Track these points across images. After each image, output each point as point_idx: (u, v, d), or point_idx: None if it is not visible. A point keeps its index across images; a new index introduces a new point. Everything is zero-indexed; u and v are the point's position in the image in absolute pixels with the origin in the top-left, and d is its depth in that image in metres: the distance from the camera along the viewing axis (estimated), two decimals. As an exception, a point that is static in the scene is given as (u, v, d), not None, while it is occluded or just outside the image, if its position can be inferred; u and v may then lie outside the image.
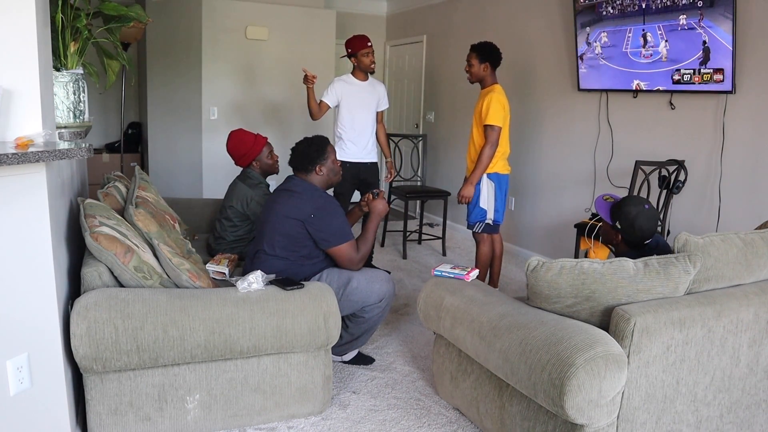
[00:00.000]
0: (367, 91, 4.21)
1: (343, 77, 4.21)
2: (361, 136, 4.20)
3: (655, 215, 2.42)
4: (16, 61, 1.77)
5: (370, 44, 4.13)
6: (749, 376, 2.17)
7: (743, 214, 3.43)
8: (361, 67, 4.15)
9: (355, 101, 4.16)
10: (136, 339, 2.06)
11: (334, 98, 4.14)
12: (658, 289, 1.98)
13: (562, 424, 1.91)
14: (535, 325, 1.99)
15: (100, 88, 3.10)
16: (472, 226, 3.81)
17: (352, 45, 4.13)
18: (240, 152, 3.34)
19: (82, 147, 1.75)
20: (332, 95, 4.14)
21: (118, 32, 2.68)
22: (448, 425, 2.46)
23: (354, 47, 4.12)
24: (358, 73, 4.19)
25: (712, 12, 3.31)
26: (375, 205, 2.88)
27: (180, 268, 2.32)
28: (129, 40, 4.12)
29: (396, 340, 3.30)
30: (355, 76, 4.20)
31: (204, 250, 3.32)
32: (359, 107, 4.17)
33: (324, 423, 2.45)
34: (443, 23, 6.17)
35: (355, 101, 4.16)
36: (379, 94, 4.29)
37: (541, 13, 4.78)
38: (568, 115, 4.61)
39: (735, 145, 3.47)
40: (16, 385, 1.83)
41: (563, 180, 4.71)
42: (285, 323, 2.27)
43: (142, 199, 2.72)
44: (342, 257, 2.68)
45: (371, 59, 4.13)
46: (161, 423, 2.21)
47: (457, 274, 2.53)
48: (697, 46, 3.43)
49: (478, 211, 3.75)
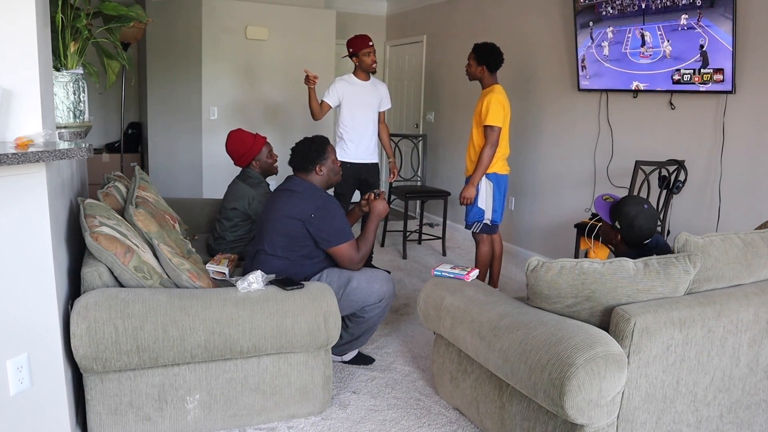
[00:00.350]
0: (368, 91, 4.19)
1: (345, 77, 4.19)
2: (362, 137, 4.18)
3: (654, 215, 2.42)
4: (16, 61, 1.77)
5: (371, 44, 4.11)
6: (749, 376, 2.17)
7: (743, 214, 3.43)
8: (362, 67, 4.13)
9: (356, 101, 4.13)
10: (136, 339, 2.06)
11: (336, 98, 4.12)
12: (658, 289, 1.98)
13: (562, 424, 1.91)
14: (535, 325, 1.99)
15: (100, 88, 3.10)
16: (470, 226, 3.81)
17: (353, 44, 4.11)
18: (239, 152, 3.34)
19: (82, 147, 1.75)
20: (333, 95, 4.12)
21: (118, 32, 2.68)
22: (448, 425, 2.46)
23: (355, 47, 4.10)
24: (359, 72, 4.17)
25: (712, 12, 3.31)
26: (375, 205, 2.88)
27: (180, 268, 2.32)
28: (129, 40, 4.12)
29: (396, 340, 3.29)
30: (356, 76, 4.18)
31: (204, 250, 3.32)
32: (360, 107, 4.14)
33: (324, 423, 2.45)
34: (443, 23, 6.17)
35: (357, 101, 4.14)
36: (381, 94, 4.27)
37: (541, 13, 4.78)
38: (568, 115, 4.61)
39: (735, 145, 3.47)
40: (16, 385, 1.83)
41: (563, 180, 4.71)
42: (285, 323, 2.27)
43: (142, 199, 2.72)
44: (342, 257, 2.68)
45: (373, 59, 4.11)
46: (161, 423, 2.21)
47: (457, 274, 2.53)
48: (695, 47, 3.43)
49: (476, 211, 3.75)
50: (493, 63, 3.67)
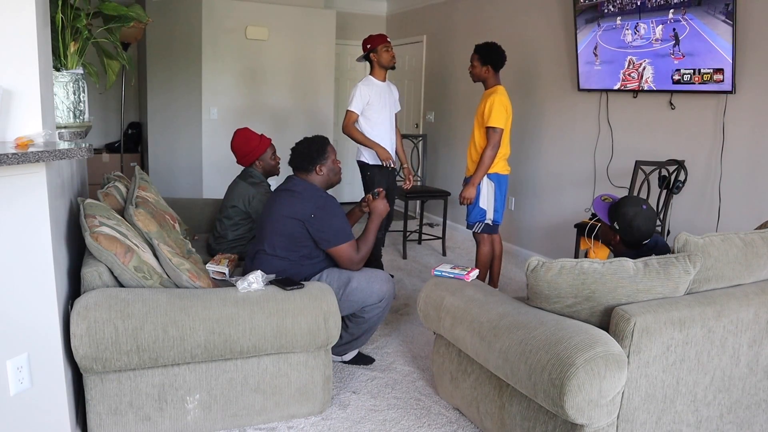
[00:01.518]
0: (386, 92, 4.06)
1: (365, 80, 4.03)
2: (382, 140, 4.01)
3: (653, 215, 2.42)
4: (16, 61, 1.77)
5: (389, 39, 4.02)
6: (749, 376, 2.17)
7: (743, 214, 3.43)
8: (382, 63, 3.98)
9: (376, 104, 3.99)
10: (136, 339, 2.06)
11: (362, 105, 3.95)
12: (658, 289, 1.98)
13: (562, 424, 1.91)
14: (535, 325, 1.99)
15: (100, 88, 3.10)
16: (471, 226, 3.80)
17: (371, 41, 3.99)
18: (244, 150, 3.35)
19: (82, 147, 1.75)
20: (359, 102, 3.94)
21: (118, 32, 2.68)
22: (448, 425, 2.46)
23: (374, 42, 3.98)
24: (377, 72, 4.02)
25: (712, 12, 3.31)
26: (375, 205, 2.88)
27: (180, 268, 2.32)
28: (129, 40, 4.12)
29: (396, 340, 3.29)
30: (374, 77, 4.03)
31: (204, 250, 3.32)
32: (380, 110, 4.00)
33: (324, 423, 2.45)
34: (443, 23, 6.17)
35: (377, 104, 3.99)
36: (395, 95, 4.16)
37: (541, 13, 4.78)
38: (568, 115, 4.61)
39: (735, 145, 3.47)
40: (16, 385, 1.83)
41: (563, 180, 4.71)
42: (285, 323, 2.27)
43: (142, 199, 2.72)
44: (342, 257, 2.68)
45: (392, 54, 3.99)
46: (161, 423, 2.21)
47: (457, 274, 2.53)
48: (705, 46, 3.45)
49: (477, 211, 3.74)
50: (497, 62, 3.65)
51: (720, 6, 3.27)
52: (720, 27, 3.29)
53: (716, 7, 3.29)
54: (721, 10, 3.27)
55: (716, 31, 3.32)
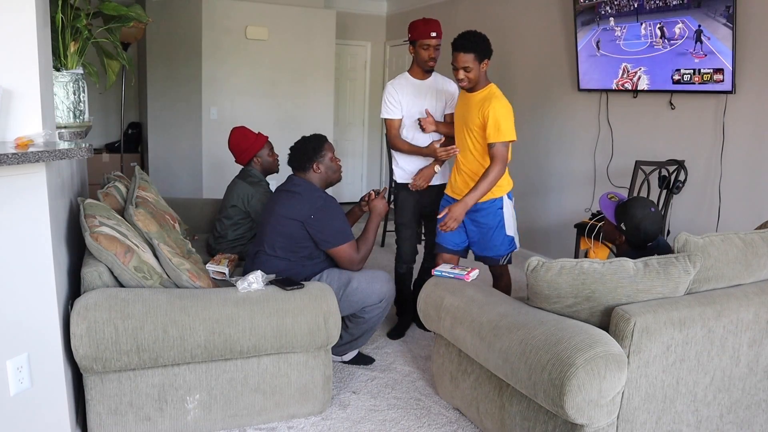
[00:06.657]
0: (427, 92, 3.21)
1: (397, 78, 3.27)
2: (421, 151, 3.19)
3: (660, 218, 2.41)
4: (16, 61, 1.77)
5: (434, 35, 3.13)
6: (749, 376, 2.17)
7: (743, 214, 3.43)
8: (418, 61, 3.19)
9: (411, 107, 3.20)
10: (136, 339, 2.06)
11: (397, 108, 3.20)
12: (658, 289, 1.98)
13: (562, 424, 1.91)
14: (535, 325, 1.99)
15: (100, 88, 3.09)
16: (498, 260, 2.98)
17: (413, 30, 3.17)
18: (241, 147, 3.35)
19: (82, 147, 1.75)
20: (392, 107, 3.20)
21: (118, 32, 2.67)
22: (448, 425, 2.46)
23: (414, 34, 3.15)
24: (415, 69, 3.23)
25: (712, 12, 3.31)
26: (375, 204, 2.88)
27: (180, 268, 2.32)
28: (129, 40, 4.13)
29: (396, 340, 3.29)
30: (412, 74, 3.24)
31: (204, 250, 3.32)
32: (416, 114, 3.19)
33: (324, 423, 2.45)
34: (443, 23, 6.11)
35: (412, 107, 3.20)
36: (447, 92, 3.26)
37: (541, 13, 4.78)
38: (568, 115, 4.61)
39: (735, 145, 3.47)
40: (16, 385, 1.83)
41: (563, 180, 4.71)
42: (285, 323, 2.27)
43: (142, 199, 2.72)
44: (342, 258, 2.68)
45: (431, 54, 3.14)
46: (161, 423, 2.21)
47: (457, 274, 2.53)
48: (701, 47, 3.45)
49: (505, 240, 2.95)
50: (490, 52, 2.84)
51: (720, 8, 3.26)
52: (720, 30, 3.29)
53: (716, 9, 3.29)
54: (722, 12, 3.27)
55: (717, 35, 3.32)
